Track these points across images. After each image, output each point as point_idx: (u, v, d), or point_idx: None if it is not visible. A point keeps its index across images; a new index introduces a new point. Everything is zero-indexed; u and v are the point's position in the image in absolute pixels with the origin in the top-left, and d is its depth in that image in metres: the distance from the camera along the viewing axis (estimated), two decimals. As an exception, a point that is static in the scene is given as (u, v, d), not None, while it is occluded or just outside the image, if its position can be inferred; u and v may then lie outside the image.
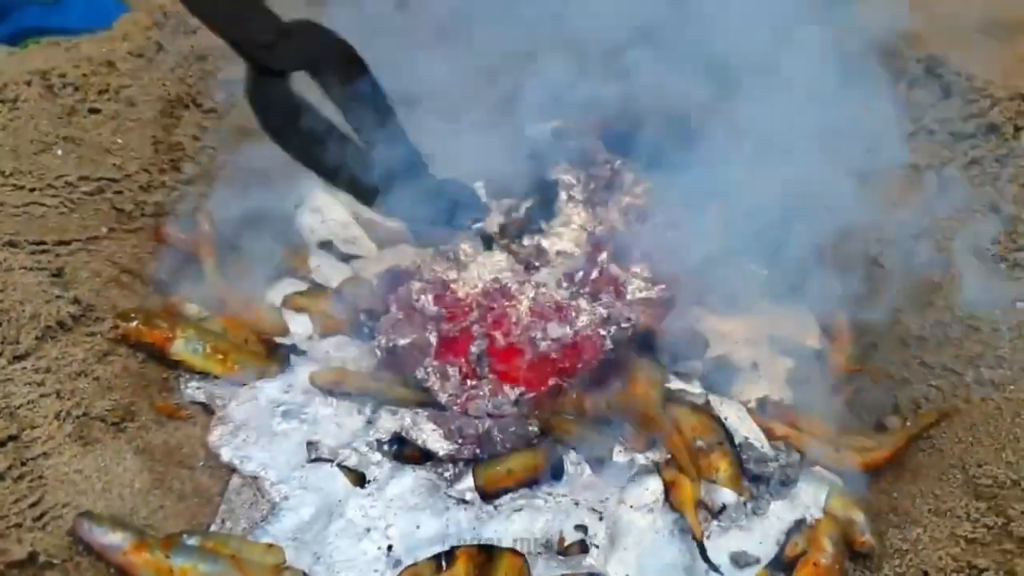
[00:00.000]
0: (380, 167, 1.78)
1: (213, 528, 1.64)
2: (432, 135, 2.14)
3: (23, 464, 1.54)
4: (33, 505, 1.48)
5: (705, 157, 2.18)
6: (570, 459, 1.76)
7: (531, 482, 1.71)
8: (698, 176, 2.18)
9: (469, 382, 1.81)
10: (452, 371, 1.82)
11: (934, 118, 2.24)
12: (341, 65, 1.70)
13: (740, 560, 1.64)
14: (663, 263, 2.11)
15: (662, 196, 2.27)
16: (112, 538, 1.45)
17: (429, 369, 1.82)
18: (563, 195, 2.32)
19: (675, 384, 1.93)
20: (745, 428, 1.82)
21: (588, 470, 1.75)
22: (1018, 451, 1.69)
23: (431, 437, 1.75)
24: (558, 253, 2.19)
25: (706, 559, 1.60)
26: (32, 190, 1.95)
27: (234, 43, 1.58)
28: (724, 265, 2.14)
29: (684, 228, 2.21)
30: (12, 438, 1.56)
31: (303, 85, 1.65)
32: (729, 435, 1.78)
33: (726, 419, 1.82)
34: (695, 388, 1.94)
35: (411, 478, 1.69)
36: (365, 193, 1.78)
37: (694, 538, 1.63)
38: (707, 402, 1.85)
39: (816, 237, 2.04)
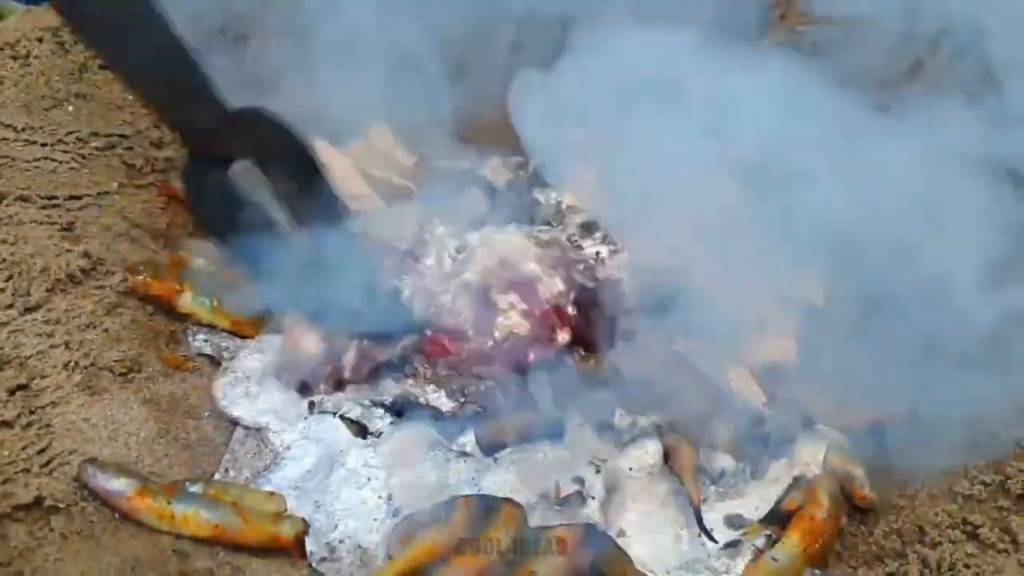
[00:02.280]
0: (328, 274, 1.73)
1: (217, 477, 1.67)
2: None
3: (32, 412, 1.57)
4: (41, 452, 1.51)
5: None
6: (572, 420, 1.77)
7: (532, 438, 1.73)
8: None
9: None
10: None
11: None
12: (290, 157, 1.68)
13: (736, 523, 1.65)
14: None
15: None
16: (116, 484, 1.48)
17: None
18: (574, 151, 2.32)
19: (681, 347, 1.93)
20: (748, 390, 1.82)
21: (589, 431, 1.76)
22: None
23: (434, 396, 1.78)
24: (568, 207, 2.20)
25: (702, 527, 1.61)
26: (44, 145, 1.97)
27: (175, 126, 1.52)
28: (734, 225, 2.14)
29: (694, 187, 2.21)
30: (21, 387, 1.59)
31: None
32: (731, 401, 1.79)
33: (730, 382, 1.82)
34: (700, 352, 1.93)
35: (412, 431, 1.71)
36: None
37: (691, 504, 1.64)
38: (712, 365, 1.85)
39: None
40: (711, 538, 1.61)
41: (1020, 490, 1.56)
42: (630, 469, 1.68)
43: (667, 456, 1.70)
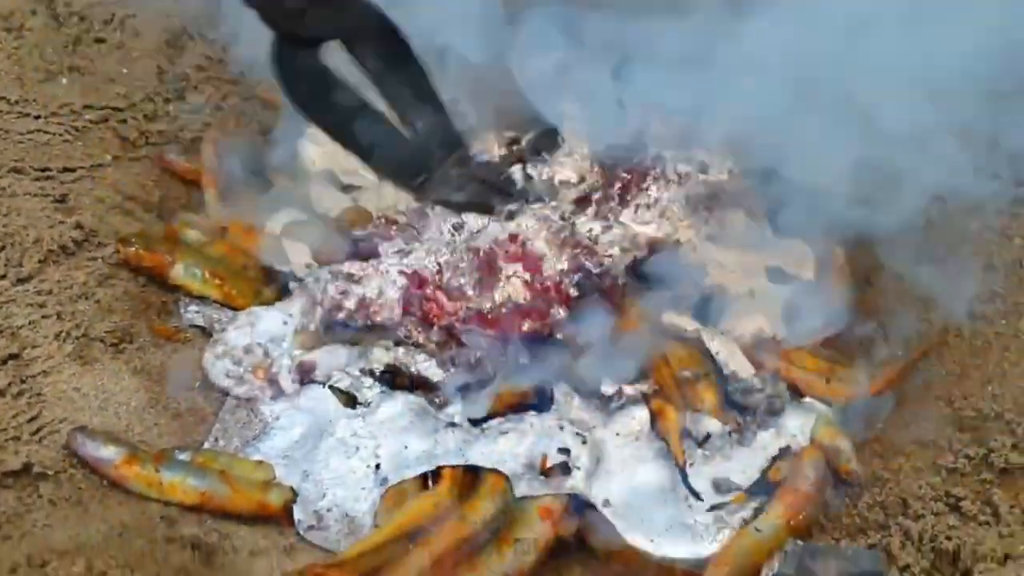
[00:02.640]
0: (420, 148, 1.72)
1: (206, 446, 1.69)
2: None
3: (23, 382, 1.59)
4: (31, 420, 1.53)
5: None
6: (560, 389, 1.78)
7: (520, 408, 1.74)
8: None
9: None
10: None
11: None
12: (377, 36, 1.64)
13: (722, 487, 1.66)
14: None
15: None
16: (105, 452, 1.50)
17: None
18: (565, 127, 2.32)
19: (668, 319, 1.94)
20: (734, 361, 1.83)
21: (577, 399, 1.77)
22: (1004, 384, 1.69)
23: (424, 366, 1.78)
24: (561, 182, 2.20)
25: (687, 485, 1.63)
26: (37, 117, 1.99)
27: (260, 8, 1.51)
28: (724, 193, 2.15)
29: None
30: (13, 356, 1.61)
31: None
32: (718, 367, 1.80)
33: (717, 353, 1.83)
34: (688, 324, 1.94)
35: (401, 401, 1.73)
36: (404, 176, 1.75)
37: (677, 464, 1.65)
38: (698, 336, 1.86)
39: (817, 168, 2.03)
40: (696, 496, 1.63)
41: (1003, 464, 1.56)
42: (617, 435, 1.70)
43: (653, 421, 1.72)
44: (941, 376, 1.78)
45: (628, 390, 1.76)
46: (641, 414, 1.72)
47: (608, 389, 1.77)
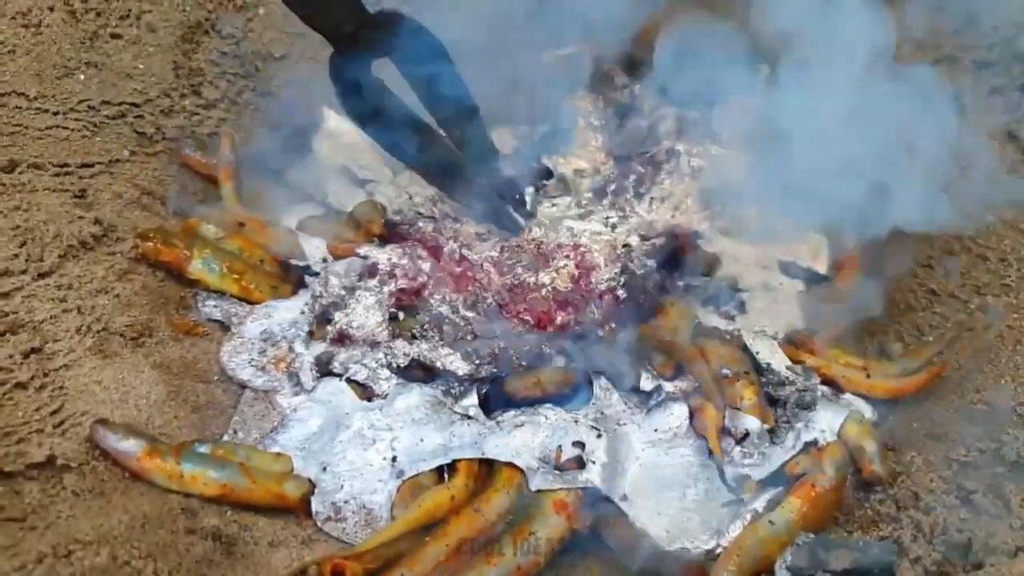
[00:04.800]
0: (458, 156, 1.97)
1: (225, 438, 1.71)
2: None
3: (45, 375, 1.60)
4: (54, 413, 1.55)
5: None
6: (600, 384, 1.79)
7: (558, 396, 1.76)
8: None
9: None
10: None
11: (956, 45, 2.22)
12: (422, 53, 1.84)
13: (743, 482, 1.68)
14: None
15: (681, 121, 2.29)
16: (126, 444, 1.52)
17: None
18: (580, 120, 2.34)
19: (708, 319, 1.98)
20: (772, 357, 1.84)
21: (616, 394, 1.79)
22: (1017, 378, 1.70)
23: (448, 359, 1.80)
24: (575, 171, 2.23)
25: (725, 481, 1.65)
26: (56, 113, 2.00)
27: (317, 30, 1.73)
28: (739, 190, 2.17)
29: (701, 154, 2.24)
30: (35, 350, 1.62)
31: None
32: (757, 366, 1.81)
33: (757, 353, 1.84)
34: (727, 323, 1.97)
35: (417, 394, 1.75)
36: (442, 179, 2.02)
37: (715, 461, 1.67)
38: (738, 335, 1.88)
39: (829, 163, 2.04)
40: (735, 492, 1.64)
41: (1015, 457, 1.57)
42: (655, 431, 1.72)
43: (692, 417, 1.73)
44: (954, 369, 1.80)
45: (667, 387, 1.78)
46: (680, 410, 1.74)
47: (647, 385, 1.79)
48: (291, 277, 1.98)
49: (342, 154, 2.25)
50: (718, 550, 1.57)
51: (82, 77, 2.07)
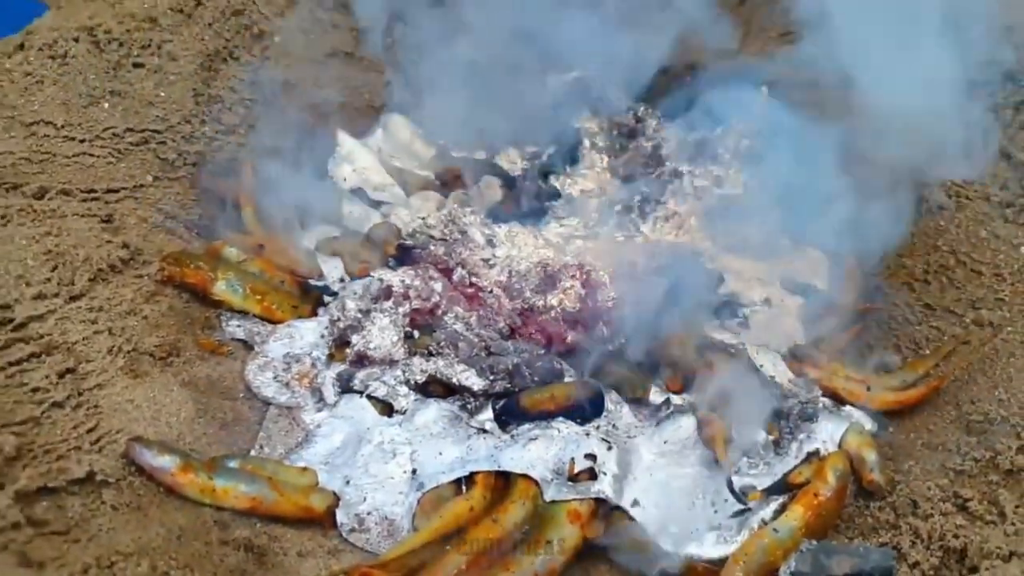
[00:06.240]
0: None
1: (252, 453, 1.78)
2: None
3: (80, 394, 1.68)
4: (90, 431, 1.62)
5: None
6: (611, 398, 1.87)
7: (570, 410, 1.83)
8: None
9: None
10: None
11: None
12: None
13: (750, 491, 1.74)
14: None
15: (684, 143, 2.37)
16: (161, 460, 1.59)
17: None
18: (586, 142, 2.42)
19: (712, 331, 2.05)
20: (775, 370, 1.92)
21: (626, 407, 1.87)
22: (1011, 389, 1.77)
23: (464, 376, 1.86)
24: (581, 191, 2.30)
25: (733, 491, 1.72)
26: (82, 141, 2.08)
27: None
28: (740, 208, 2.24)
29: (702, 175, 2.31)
30: (70, 371, 1.70)
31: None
32: (761, 378, 1.89)
33: (761, 366, 1.92)
34: (731, 336, 2.04)
35: (435, 409, 1.82)
36: None
37: (724, 471, 1.74)
38: (743, 348, 1.96)
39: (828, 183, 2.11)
40: (742, 501, 1.71)
41: (1009, 465, 1.65)
42: (665, 442, 1.79)
43: (700, 429, 1.80)
44: (949, 381, 1.86)
45: (675, 399, 1.85)
46: (688, 422, 1.81)
47: (656, 398, 1.86)
48: (311, 297, 2.05)
49: (356, 177, 2.33)
50: (725, 556, 1.64)
51: (106, 105, 2.15)
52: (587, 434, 1.78)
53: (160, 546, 1.47)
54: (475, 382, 1.84)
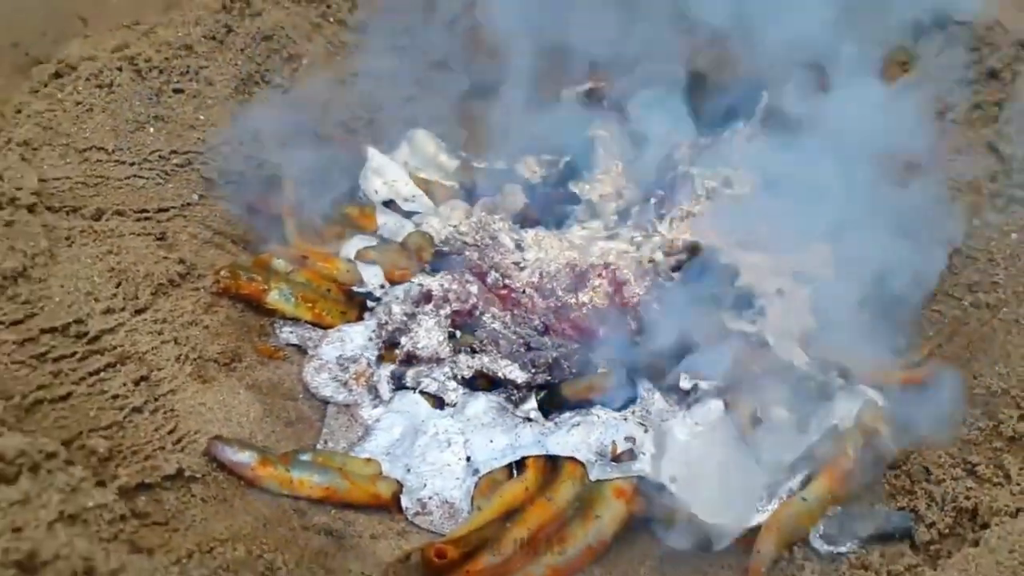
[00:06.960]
0: None
1: (318, 447, 1.92)
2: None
3: (156, 399, 1.80)
4: (170, 432, 1.75)
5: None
6: (643, 385, 2.03)
7: (607, 399, 1.98)
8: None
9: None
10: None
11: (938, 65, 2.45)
12: None
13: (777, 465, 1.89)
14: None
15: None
16: (241, 456, 1.73)
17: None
18: (600, 150, 2.56)
19: (734, 324, 2.18)
20: (792, 354, 2.06)
21: (658, 394, 2.02)
22: (1009, 364, 1.92)
23: (508, 370, 2.01)
24: (600, 196, 2.45)
25: (759, 465, 1.87)
26: (131, 164, 2.20)
27: None
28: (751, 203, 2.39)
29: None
30: (144, 378, 1.82)
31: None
32: (781, 362, 2.03)
33: (779, 351, 2.06)
34: (750, 326, 2.18)
35: (483, 401, 1.97)
36: None
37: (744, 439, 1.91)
38: (762, 335, 2.11)
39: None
40: (770, 475, 1.85)
41: (1011, 433, 1.80)
42: (696, 424, 1.93)
43: (727, 411, 1.95)
44: (953, 358, 2.02)
45: (703, 385, 1.99)
46: (716, 404, 1.96)
47: (686, 384, 2.01)
48: (355, 303, 2.19)
49: (387, 189, 2.47)
50: (758, 525, 1.79)
51: (151, 130, 2.27)
52: (625, 419, 1.93)
53: (250, 533, 1.61)
54: (518, 375, 1.99)
